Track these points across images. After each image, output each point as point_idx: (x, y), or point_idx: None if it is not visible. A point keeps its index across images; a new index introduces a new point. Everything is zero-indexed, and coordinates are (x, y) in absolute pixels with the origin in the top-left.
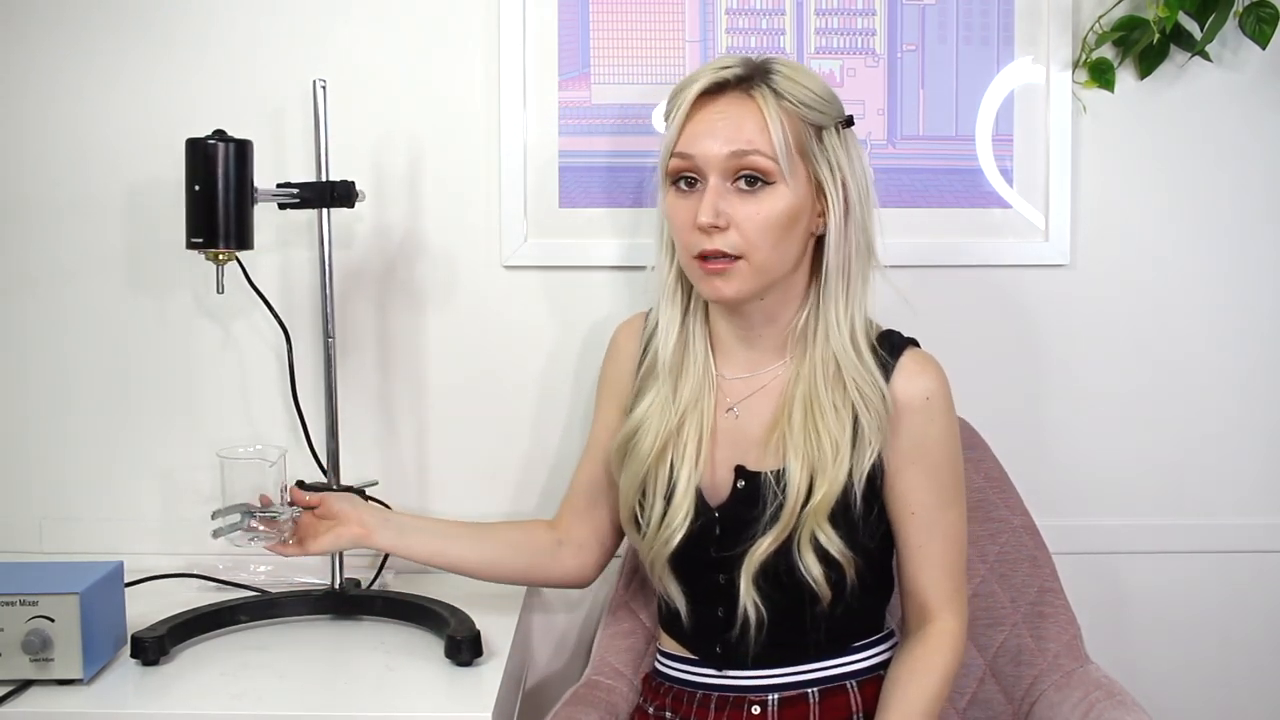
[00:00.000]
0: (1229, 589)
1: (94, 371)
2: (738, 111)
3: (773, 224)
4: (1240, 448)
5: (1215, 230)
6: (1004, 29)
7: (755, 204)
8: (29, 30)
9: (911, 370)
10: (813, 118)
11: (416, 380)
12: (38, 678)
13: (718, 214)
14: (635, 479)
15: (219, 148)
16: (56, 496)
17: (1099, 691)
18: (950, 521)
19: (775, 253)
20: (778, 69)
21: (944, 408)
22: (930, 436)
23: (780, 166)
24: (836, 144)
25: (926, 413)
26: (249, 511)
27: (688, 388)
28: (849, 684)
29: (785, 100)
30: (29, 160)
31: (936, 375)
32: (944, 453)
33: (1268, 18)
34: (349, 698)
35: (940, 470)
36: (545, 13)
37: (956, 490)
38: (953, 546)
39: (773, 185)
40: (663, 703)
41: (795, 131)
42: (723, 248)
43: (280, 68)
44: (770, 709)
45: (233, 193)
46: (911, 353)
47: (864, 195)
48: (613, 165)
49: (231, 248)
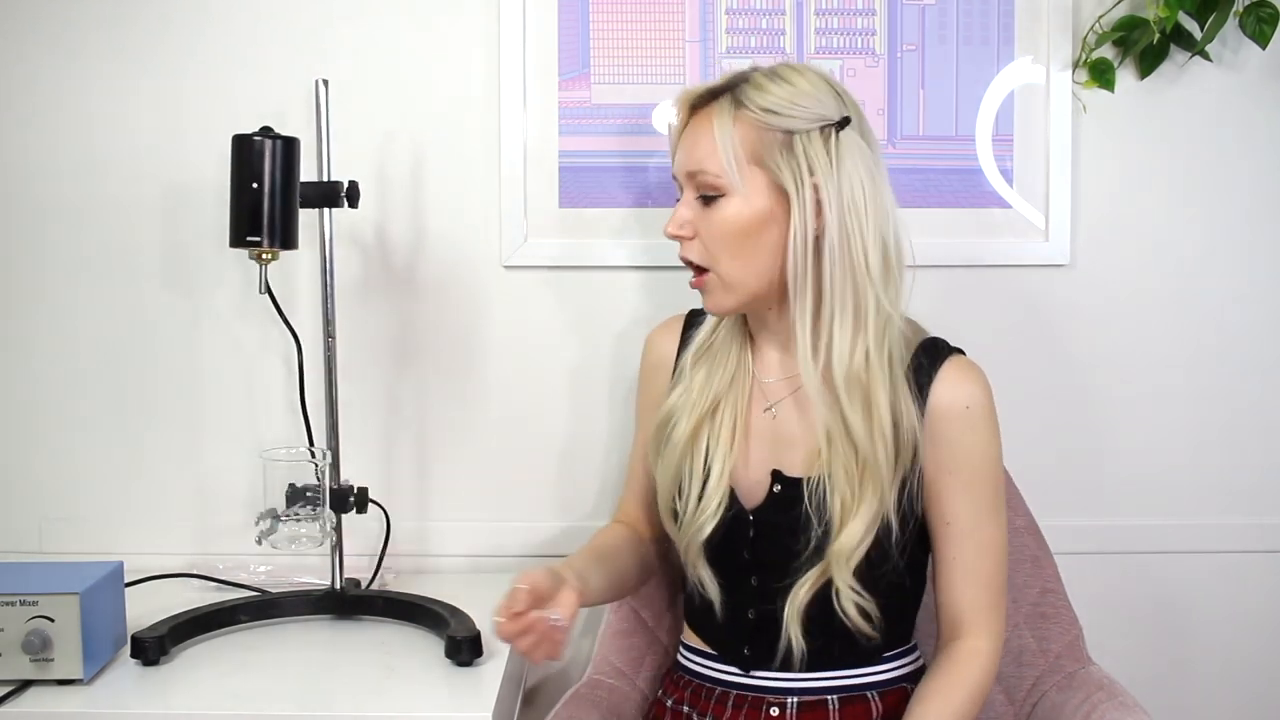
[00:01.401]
0: (1229, 589)
1: (94, 372)
2: (697, 128)
3: (727, 234)
4: (1241, 448)
5: (1216, 230)
6: (1004, 29)
7: (711, 215)
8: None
9: (953, 379)
10: (778, 123)
11: (416, 380)
12: (38, 678)
13: (680, 224)
14: (671, 468)
15: (266, 144)
16: (56, 496)
17: (1101, 692)
18: (988, 535)
19: (737, 262)
20: (755, 77)
21: (984, 417)
22: (968, 446)
23: (727, 180)
24: (817, 148)
25: (966, 421)
26: (276, 515)
27: (719, 374)
28: (870, 694)
29: (745, 109)
30: (28, 161)
31: (978, 384)
32: (984, 464)
33: (1268, 18)
34: (349, 698)
35: (979, 482)
36: (545, 13)
37: (996, 503)
38: (989, 561)
39: (724, 197)
40: (681, 696)
41: (751, 140)
42: (689, 257)
43: (281, 68)
44: (789, 712)
45: (279, 190)
46: (954, 360)
47: (854, 203)
48: (613, 165)
49: (277, 246)
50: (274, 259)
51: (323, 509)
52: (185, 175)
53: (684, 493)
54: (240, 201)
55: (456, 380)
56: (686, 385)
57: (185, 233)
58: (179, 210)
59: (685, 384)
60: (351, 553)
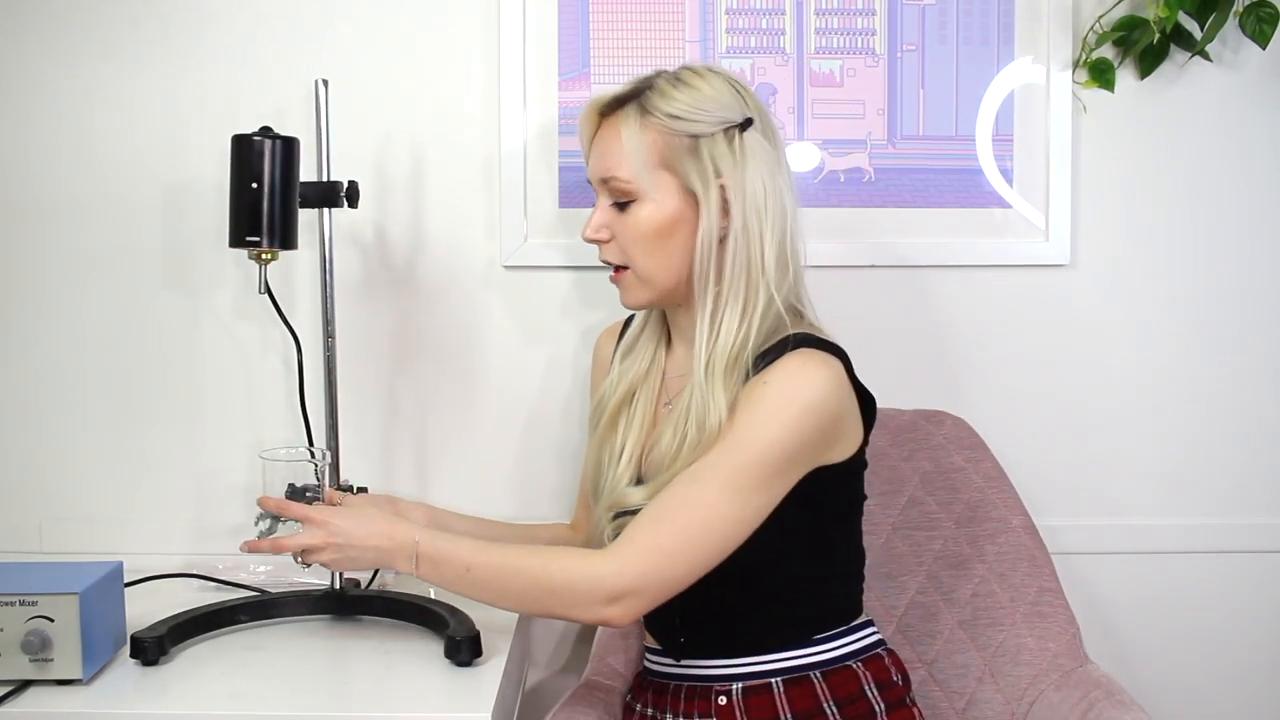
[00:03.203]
0: (1229, 589)
1: (95, 372)
2: (606, 135)
3: (641, 236)
4: (1240, 447)
5: (1216, 230)
6: (1004, 29)
7: (625, 218)
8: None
9: (776, 364)
10: (684, 128)
11: (416, 380)
12: (37, 678)
13: (597, 229)
14: (595, 451)
15: (266, 144)
16: (56, 496)
17: (1098, 691)
18: (699, 495)
19: (653, 261)
20: (659, 84)
21: (772, 394)
22: (740, 412)
23: (637, 186)
24: (721, 151)
25: (753, 392)
26: (278, 518)
27: (636, 366)
28: (813, 674)
29: (651, 115)
30: (28, 161)
31: (792, 369)
32: (744, 433)
33: (1268, 18)
34: (349, 698)
35: (730, 447)
36: (545, 13)
37: (734, 480)
38: (684, 510)
39: (636, 201)
40: (646, 698)
41: (658, 146)
42: (608, 258)
43: (281, 68)
44: (735, 698)
45: (279, 190)
46: (796, 352)
47: (756, 202)
48: None
49: (277, 246)
50: (274, 259)
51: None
52: (185, 175)
53: (604, 472)
54: (240, 201)
55: (456, 380)
56: (612, 377)
57: (185, 233)
58: (179, 210)
59: (612, 376)
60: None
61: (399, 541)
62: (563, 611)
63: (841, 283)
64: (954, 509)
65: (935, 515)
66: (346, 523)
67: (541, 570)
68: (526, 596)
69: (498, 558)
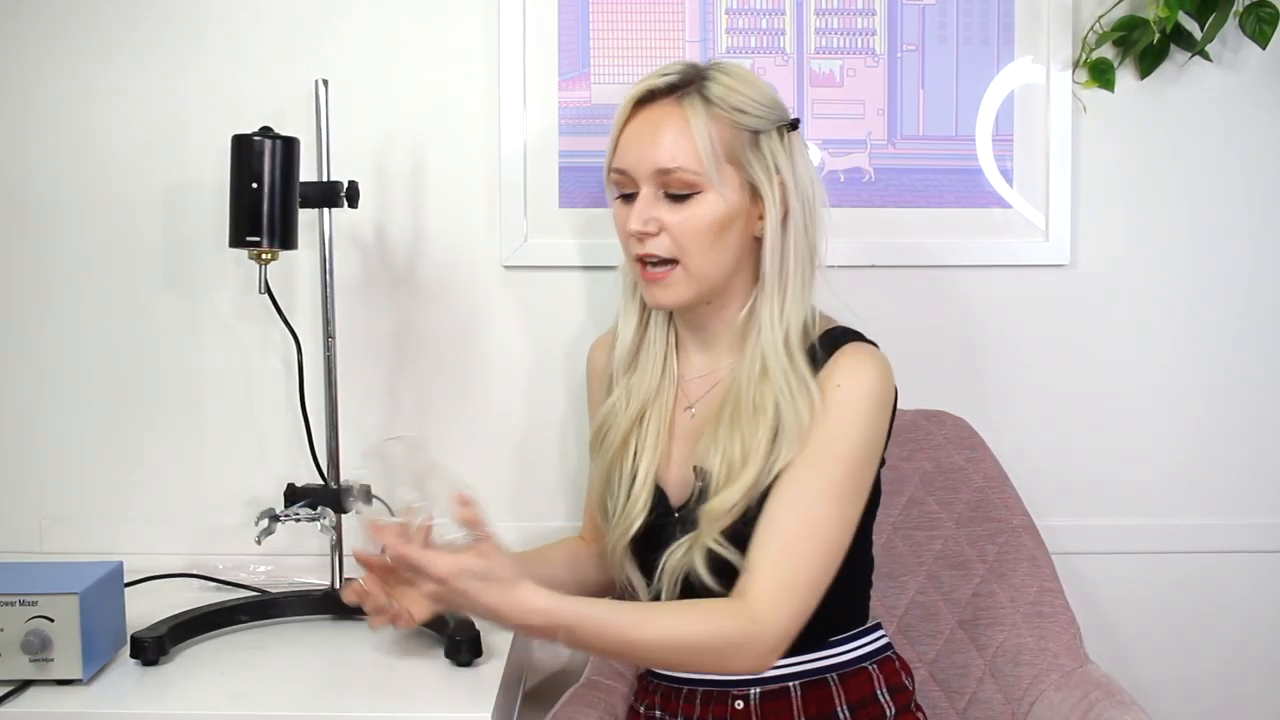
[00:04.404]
0: (1230, 589)
1: (95, 372)
2: (665, 124)
3: (702, 230)
4: (1240, 447)
5: (1216, 230)
6: (1004, 29)
7: (684, 211)
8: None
9: (838, 362)
10: (748, 123)
11: (416, 380)
12: (37, 678)
13: (646, 221)
14: (603, 471)
15: (266, 144)
16: (56, 496)
17: (1098, 691)
18: (819, 514)
19: (708, 257)
20: (714, 75)
21: (852, 400)
22: (827, 425)
23: (706, 177)
24: (777, 148)
25: (833, 399)
26: (275, 515)
27: (644, 383)
28: (830, 677)
29: (716, 107)
30: (28, 161)
31: (859, 369)
32: (838, 446)
33: (1268, 18)
34: (349, 698)
35: (827, 462)
36: (545, 13)
37: (841, 489)
38: (805, 541)
39: (701, 194)
40: (652, 700)
41: (725, 139)
42: (656, 251)
43: (281, 68)
44: (753, 703)
45: (279, 190)
46: (849, 347)
47: (808, 198)
48: None
49: (277, 246)
50: (274, 259)
51: (323, 509)
52: (185, 175)
53: (612, 495)
54: (240, 201)
55: (456, 380)
56: (617, 394)
57: (185, 233)
58: (179, 210)
59: (616, 394)
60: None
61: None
62: (718, 668)
63: (841, 283)
64: (954, 509)
65: (935, 515)
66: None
67: (695, 637)
68: (687, 662)
69: (649, 632)
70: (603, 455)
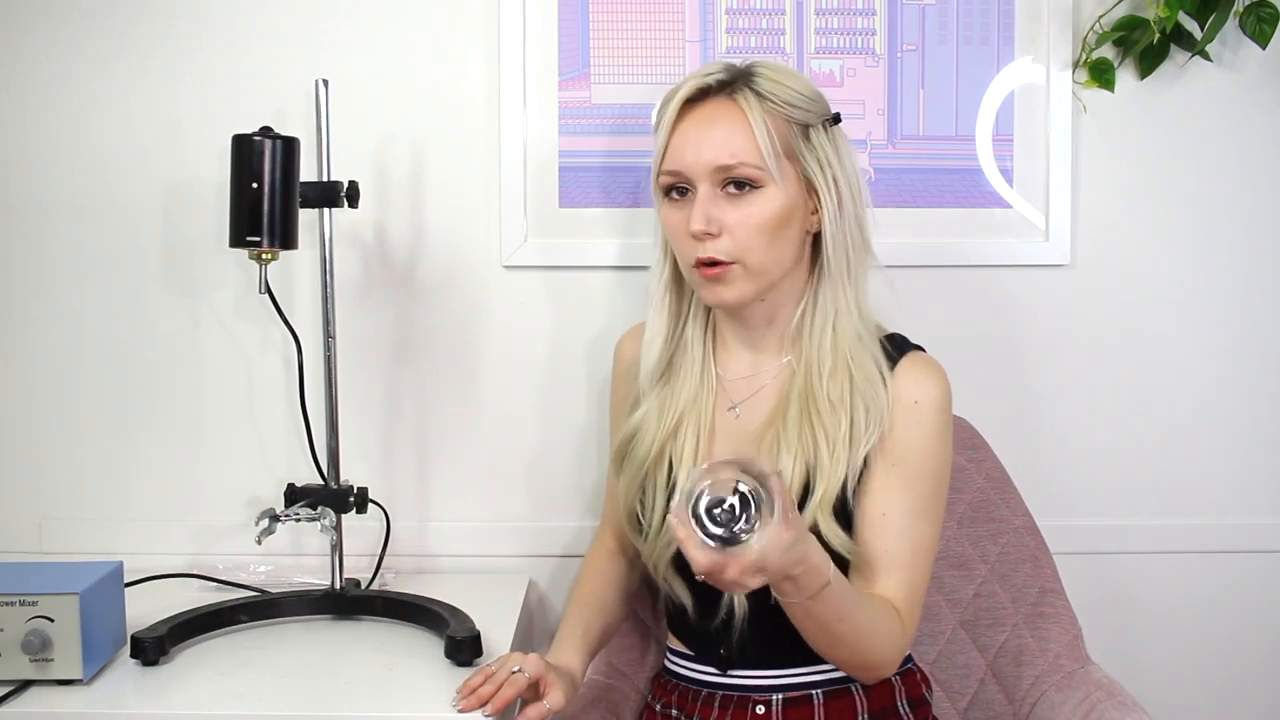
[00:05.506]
0: (1229, 589)
1: (94, 372)
2: (722, 120)
3: (764, 227)
4: (1240, 447)
5: (1216, 230)
6: (1004, 29)
7: (745, 208)
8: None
9: (908, 373)
10: (799, 117)
11: (416, 380)
12: (37, 678)
13: (709, 221)
14: (634, 481)
15: (266, 144)
16: (56, 496)
17: (1100, 692)
18: (920, 533)
19: (770, 254)
20: (761, 71)
21: (933, 415)
22: (913, 442)
23: (767, 171)
24: (824, 141)
25: (914, 416)
26: (275, 515)
27: (685, 390)
28: (853, 686)
29: (769, 102)
30: (28, 161)
31: (931, 382)
32: (925, 461)
33: (1268, 18)
34: (349, 698)
35: (919, 480)
36: (545, 13)
37: (934, 503)
38: (919, 558)
39: (761, 189)
40: (669, 700)
41: (781, 133)
42: (716, 254)
43: (281, 68)
44: (775, 709)
45: (279, 190)
46: (913, 356)
47: (856, 191)
48: (612, 165)
49: (277, 246)
50: (274, 259)
51: (323, 509)
52: (185, 175)
53: (648, 506)
54: (240, 201)
55: (456, 380)
56: (649, 405)
57: (185, 233)
58: (179, 210)
59: (647, 404)
60: (351, 553)
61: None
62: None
63: None
64: (956, 509)
65: None
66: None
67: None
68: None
69: (867, 611)
70: (631, 466)
